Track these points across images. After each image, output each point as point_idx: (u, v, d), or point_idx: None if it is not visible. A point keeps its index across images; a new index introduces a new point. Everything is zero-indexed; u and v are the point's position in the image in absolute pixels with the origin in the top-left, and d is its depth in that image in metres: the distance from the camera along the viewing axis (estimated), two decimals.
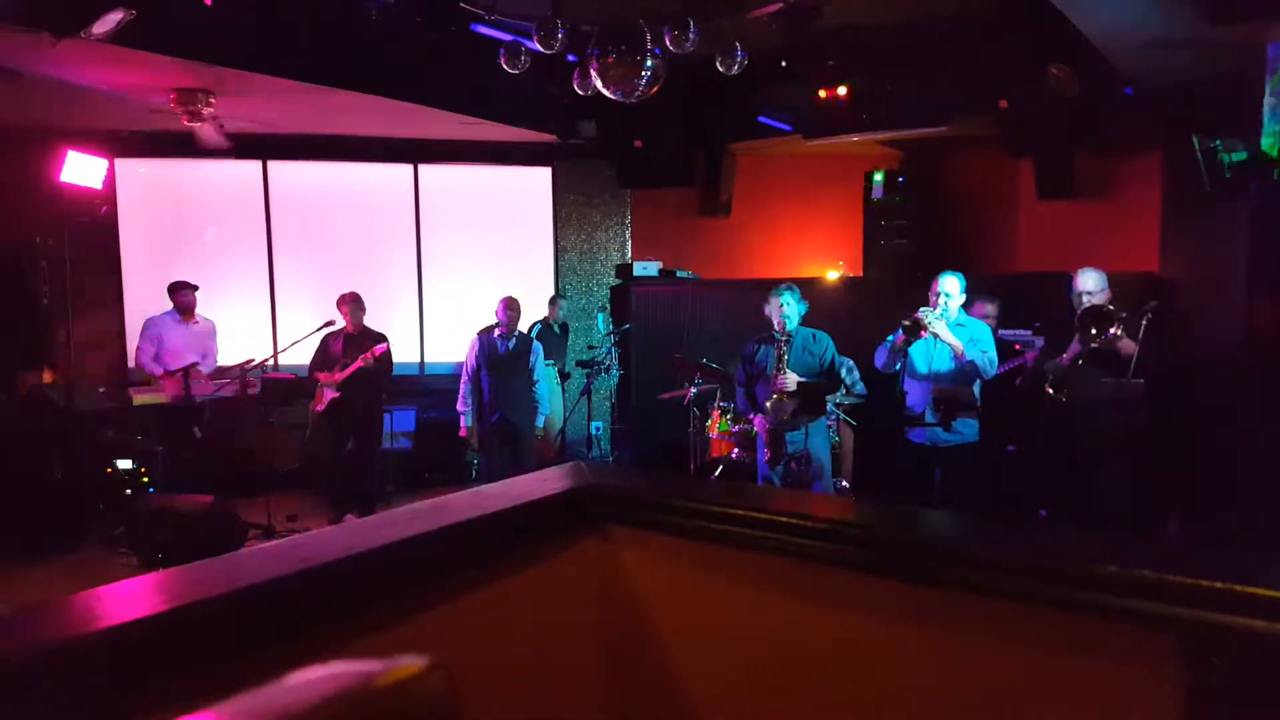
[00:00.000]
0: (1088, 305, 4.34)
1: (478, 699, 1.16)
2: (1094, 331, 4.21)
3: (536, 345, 5.79)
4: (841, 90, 6.12)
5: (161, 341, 6.35)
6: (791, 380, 4.60)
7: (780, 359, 4.70)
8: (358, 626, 1.00)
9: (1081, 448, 4.40)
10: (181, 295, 6.38)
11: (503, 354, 5.65)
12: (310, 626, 0.92)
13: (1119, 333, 4.17)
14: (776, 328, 4.67)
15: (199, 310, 6.53)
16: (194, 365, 6.28)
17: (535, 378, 5.71)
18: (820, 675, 1.15)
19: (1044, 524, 4.71)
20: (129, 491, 5.76)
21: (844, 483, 5.43)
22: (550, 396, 5.91)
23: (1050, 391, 4.32)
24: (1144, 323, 4.23)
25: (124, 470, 5.81)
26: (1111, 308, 4.25)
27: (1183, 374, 4.80)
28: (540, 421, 5.73)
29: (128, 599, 0.85)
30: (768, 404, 4.74)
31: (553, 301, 7.22)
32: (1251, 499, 4.23)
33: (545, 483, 1.38)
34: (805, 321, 4.81)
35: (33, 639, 0.76)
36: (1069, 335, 4.33)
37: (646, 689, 1.30)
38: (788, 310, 4.68)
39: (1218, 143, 4.44)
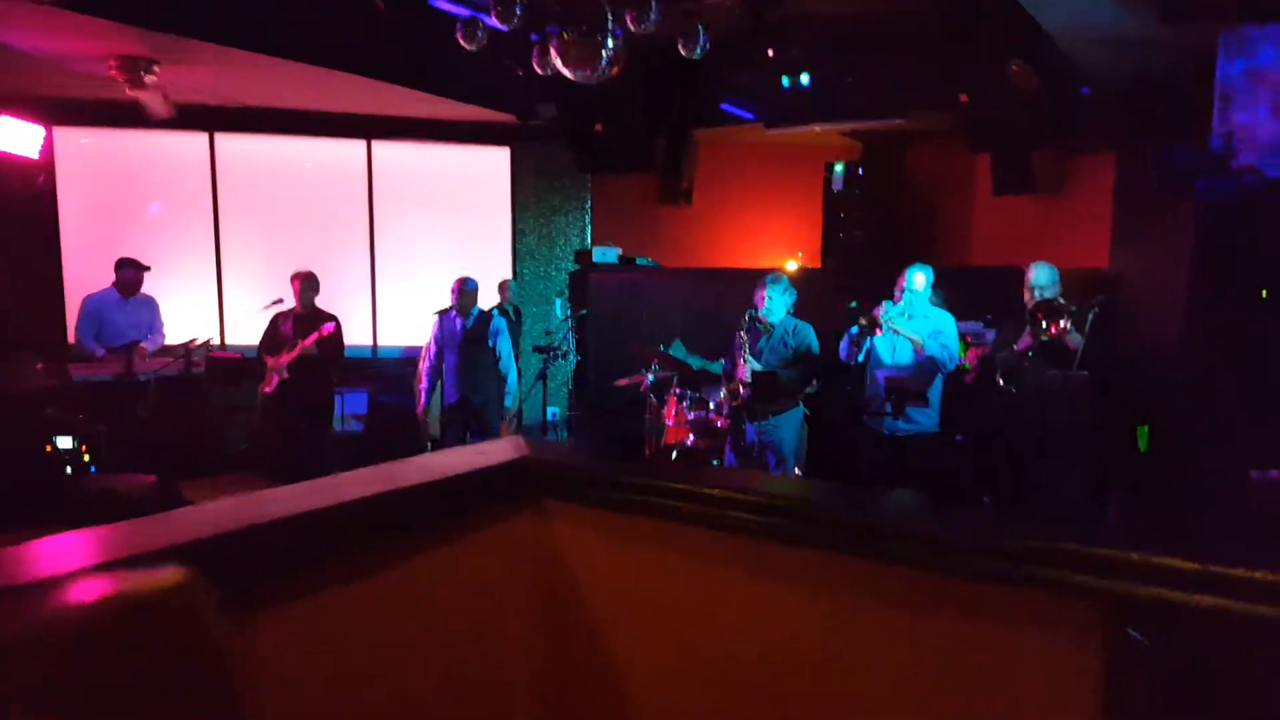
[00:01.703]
0: (1039, 299, 4.43)
1: (407, 666, 1.14)
2: (1044, 324, 4.30)
3: (499, 322, 5.64)
4: (803, 78, 6.13)
5: (101, 319, 6.13)
6: (749, 370, 4.65)
7: (742, 346, 4.75)
8: (277, 594, 0.96)
9: (1027, 438, 4.50)
10: (127, 273, 6.14)
11: (460, 334, 5.57)
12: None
13: (1068, 326, 4.26)
14: (759, 318, 4.73)
15: (143, 287, 6.32)
16: (137, 343, 6.09)
17: (499, 355, 5.57)
18: (756, 648, 1.17)
19: (979, 505, 4.81)
20: (69, 470, 5.57)
21: (796, 471, 5.47)
22: (516, 379, 5.81)
23: (1000, 383, 4.41)
24: (1091, 317, 4.34)
25: (64, 449, 5.62)
26: (1062, 301, 4.35)
27: (1127, 367, 4.92)
28: (510, 401, 5.60)
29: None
30: (722, 391, 4.78)
31: (502, 286, 7.09)
32: (1191, 489, 4.35)
33: (483, 455, 1.36)
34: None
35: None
36: (1020, 328, 4.42)
37: (580, 662, 1.30)
38: (770, 301, 4.73)
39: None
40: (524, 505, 1.31)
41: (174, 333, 6.41)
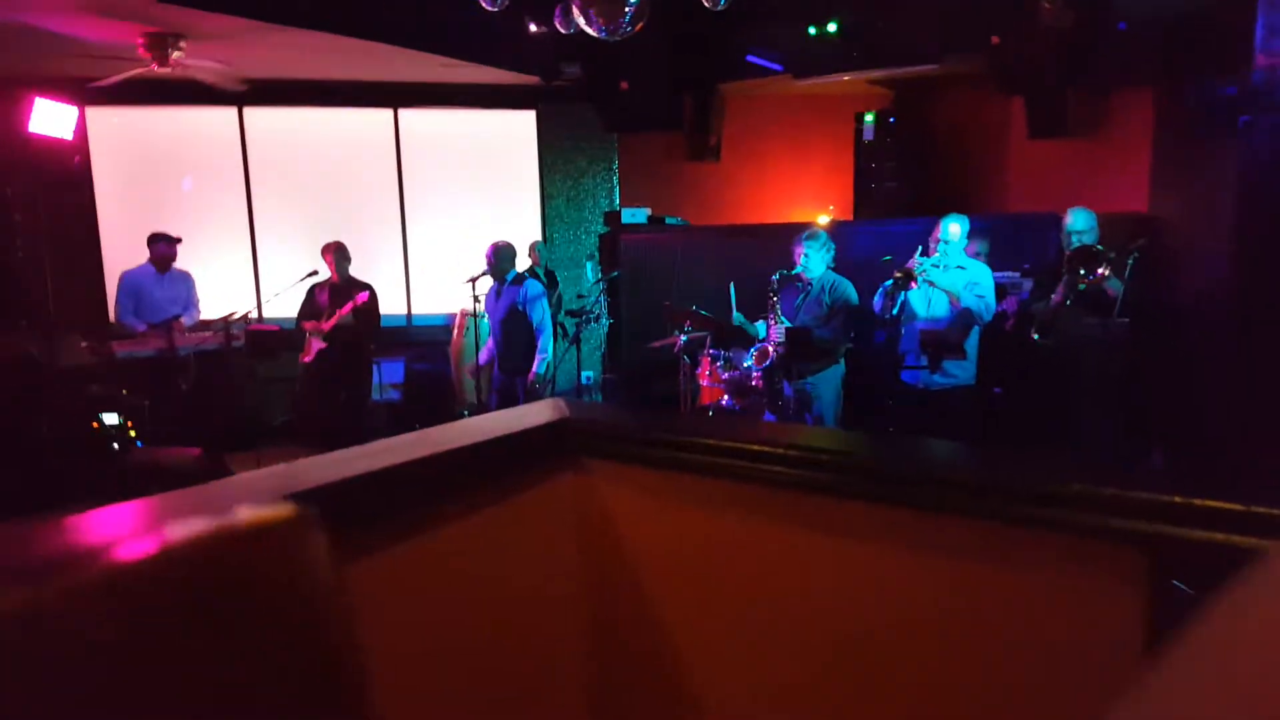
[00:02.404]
0: (1076, 246, 4.33)
1: (459, 627, 1.16)
2: (1082, 272, 4.21)
3: (529, 285, 5.55)
4: (830, 26, 5.98)
5: (140, 295, 6.25)
6: (781, 329, 4.64)
7: (773, 309, 4.73)
8: (352, 548, 1.00)
9: (1067, 388, 4.43)
10: (159, 247, 6.25)
11: (495, 300, 5.60)
12: None
13: (1107, 273, 4.16)
14: (798, 275, 4.71)
15: (178, 262, 6.42)
16: (176, 318, 6.21)
17: (533, 321, 5.49)
18: (797, 598, 1.18)
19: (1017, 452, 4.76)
20: (116, 446, 5.74)
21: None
22: (552, 344, 5.76)
23: (1035, 337, 4.33)
24: (1131, 262, 4.23)
25: (110, 425, 5.78)
26: (1100, 247, 4.24)
27: (1169, 313, 4.81)
28: (542, 368, 5.53)
29: None
30: (752, 352, 4.77)
31: (531, 249, 7.06)
32: (1235, 436, 4.27)
33: (524, 417, 1.38)
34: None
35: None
36: (1058, 276, 4.33)
37: (626, 618, 1.32)
38: (807, 258, 4.69)
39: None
40: (566, 465, 1.32)
41: (212, 307, 6.52)
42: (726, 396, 5.15)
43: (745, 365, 4.92)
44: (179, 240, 6.32)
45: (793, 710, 1.18)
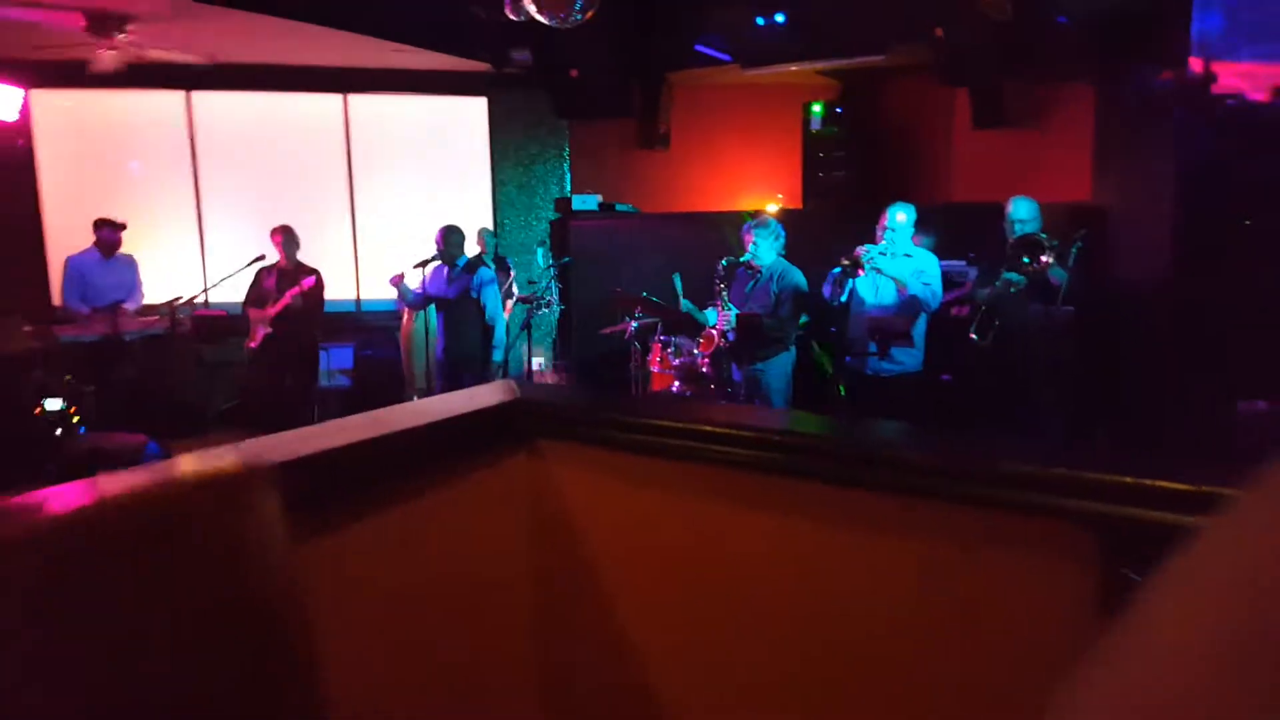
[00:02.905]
0: (1020, 233, 4.44)
1: (408, 607, 1.16)
2: (1025, 260, 4.32)
3: (483, 273, 5.52)
4: (778, 16, 6.02)
5: (85, 280, 6.09)
6: (730, 315, 4.69)
7: (720, 294, 4.76)
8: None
9: (1012, 375, 4.55)
10: (105, 233, 6.11)
11: (445, 284, 5.54)
12: None
13: (1050, 260, 4.28)
14: (747, 263, 4.74)
15: (124, 247, 6.25)
16: (121, 302, 6.04)
17: (484, 305, 5.45)
18: (748, 578, 1.17)
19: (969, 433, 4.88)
20: (59, 432, 5.55)
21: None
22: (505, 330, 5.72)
23: (973, 336, 4.41)
24: (1074, 251, 4.35)
25: (53, 410, 5.59)
26: (1043, 236, 4.36)
27: (1111, 300, 4.96)
28: (497, 355, 5.52)
29: None
30: (699, 337, 4.82)
31: (479, 236, 7.00)
32: (1174, 420, 4.43)
33: (474, 398, 1.37)
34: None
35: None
36: (1002, 264, 4.44)
37: (576, 597, 1.32)
38: (757, 246, 4.73)
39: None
40: (518, 446, 1.31)
41: (158, 291, 6.36)
42: (677, 383, 5.19)
43: (694, 352, 4.96)
44: (124, 226, 6.17)
45: (744, 691, 1.18)
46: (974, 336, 4.41)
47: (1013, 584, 0.97)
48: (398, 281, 5.55)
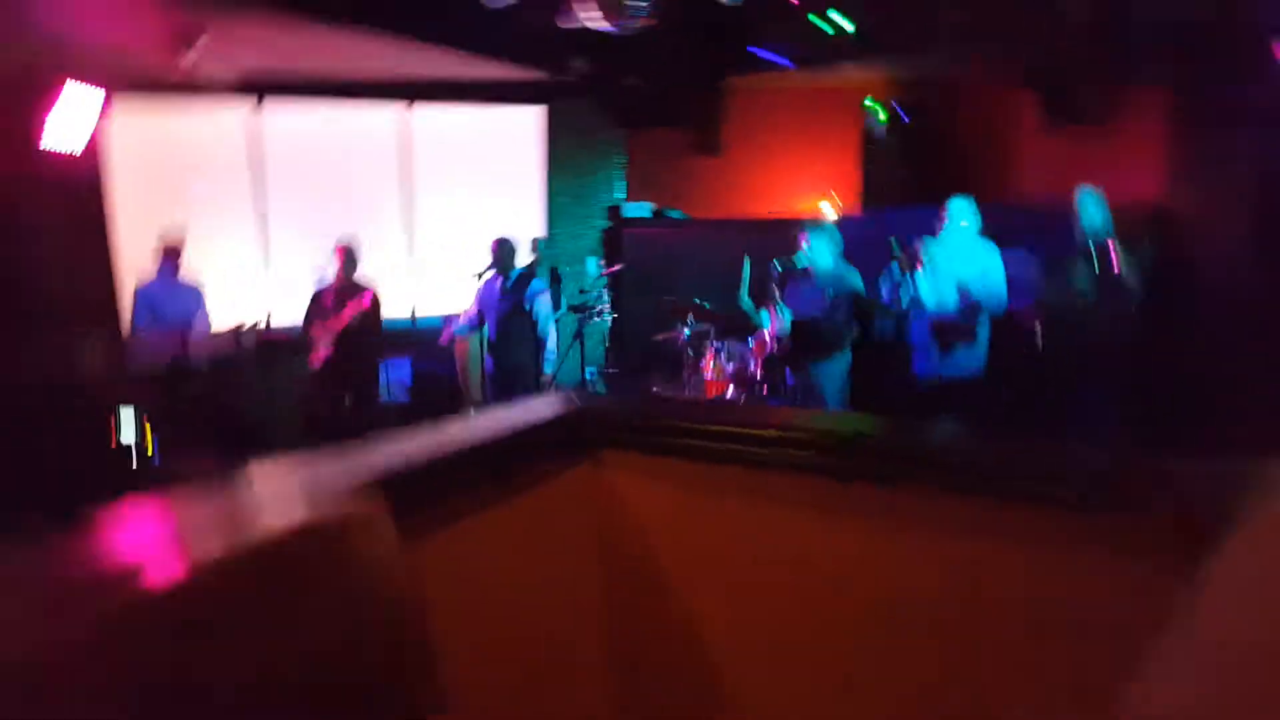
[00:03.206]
0: (1089, 236, 4.29)
1: (478, 623, 1.15)
2: (1095, 263, 4.18)
3: (536, 285, 5.55)
4: (840, 20, 5.94)
5: (153, 308, 6.31)
6: (785, 320, 4.62)
7: (773, 297, 4.70)
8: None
9: (1079, 379, 4.39)
10: (166, 260, 6.32)
11: (498, 297, 5.58)
12: None
13: (1120, 264, 4.13)
14: (805, 270, 4.69)
15: (188, 268, 6.45)
16: (188, 328, 6.25)
17: (536, 318, 5.49)
18: (814, 580, 1.18)
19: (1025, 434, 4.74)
20: (134, 454, 5.76)
21: None
22: (556, 342, 5.75)
23: (1039, 343, 4.28)
24: (1144, 252, 4.20)
25: (127, 433, 5.81)
26: (1113, 238, 4.21)
27: (1184, 303, 4.76)
28: (549, 367, 5.55)
29: None
30: (751, 342, 4.76)
31: (532, 246, 7.04)
32: (1244, 427, 4.23)
33: (534, 411, 1.37)
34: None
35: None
36: (1068, 265, 4.30)
37: (642, 602, 1.32)
38: (812, 250, 4.67)
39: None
40: (580, 455, 1.33)
41: (224, 309, 6.55)
42: (731, 388, 5.13)
43: (747, 352, 4.90)
44: (182, 250, 6.36)
45: (810, 689, 1.18)
46: (1040, 344, 4.28)
47: (1091, 583, 0.96)
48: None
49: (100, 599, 0.58)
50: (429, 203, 7.86)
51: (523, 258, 6.02)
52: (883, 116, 6.85)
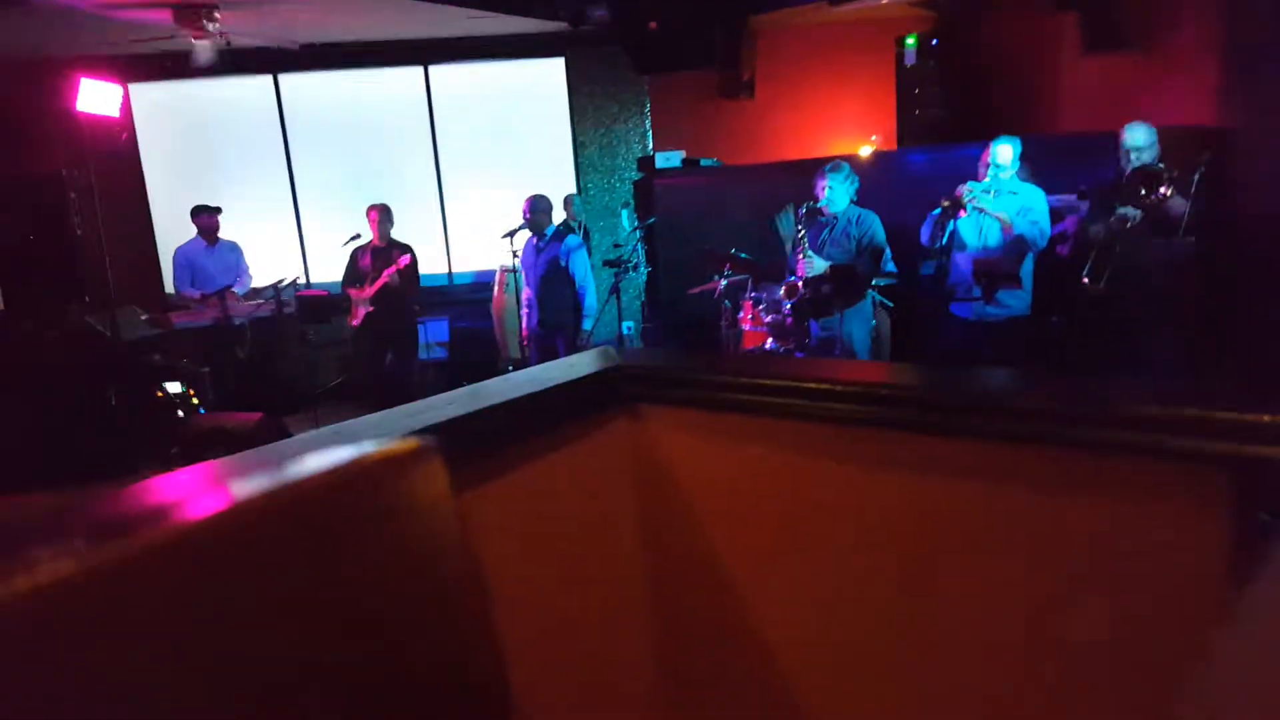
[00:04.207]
0: (1136, 164, 4.13)
1: (520, 575, 1.17)
2: (1143, 192, 4.03)
3: (570, 240, 5.51)
4: None
5: (193, 267, 6.41)
6: (816, 265, 4.53)
7: (801, 242, 4.61)
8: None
9: (1130, 314, 4.27)
10: (203, 219, 6.40)
11: (535, 256, 5.58)
12: None
13: (1169, 192, 3.98)
14: (820, 209, 4.58)
15: (224, 232, 6.54)
16: (229, 287, 6.35)
17: (576, 277, 5.44)
18: (859, 535, 1.15)
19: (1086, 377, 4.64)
20: (180, 414, 5.92)
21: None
22: (594, 300, 5.71)
23: (1086, 281, 4.14)
24: (1197, 178, 4.03)
25: (173, 394, 5.96)
26: (1161, 165, 4.05)
27: (1240, 230, 4.58)
28: (587, 323, 5.51)
29: None
30: (781, 289, 4.69)
31: (566, 202, 6.96)
32: None
33: (574, 367, 1.37)
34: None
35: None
36: (1117, 197, 4.15)
37: (684, 559, 1.33)
38: (831, 191, 4.56)
39: None
40: (619, 411, 1.32)
41: (262, 274, 6.65)
42: (770, 339, 5.09)
43: (776, 297, 4.83)
44: (219, 210, 6.43)
45: (855, 645, 1.17)
46: (1086, 280, 4.14)
47: (1139, 532, 0.93)
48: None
49: (133, 532, 0.57)
50: (456, 162, 7.84)
51: (557, 215, 5.99)
52: (915, 47, 6.62)
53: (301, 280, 6.48)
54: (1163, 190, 3.99)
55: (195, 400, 5.96)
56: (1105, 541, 0.95)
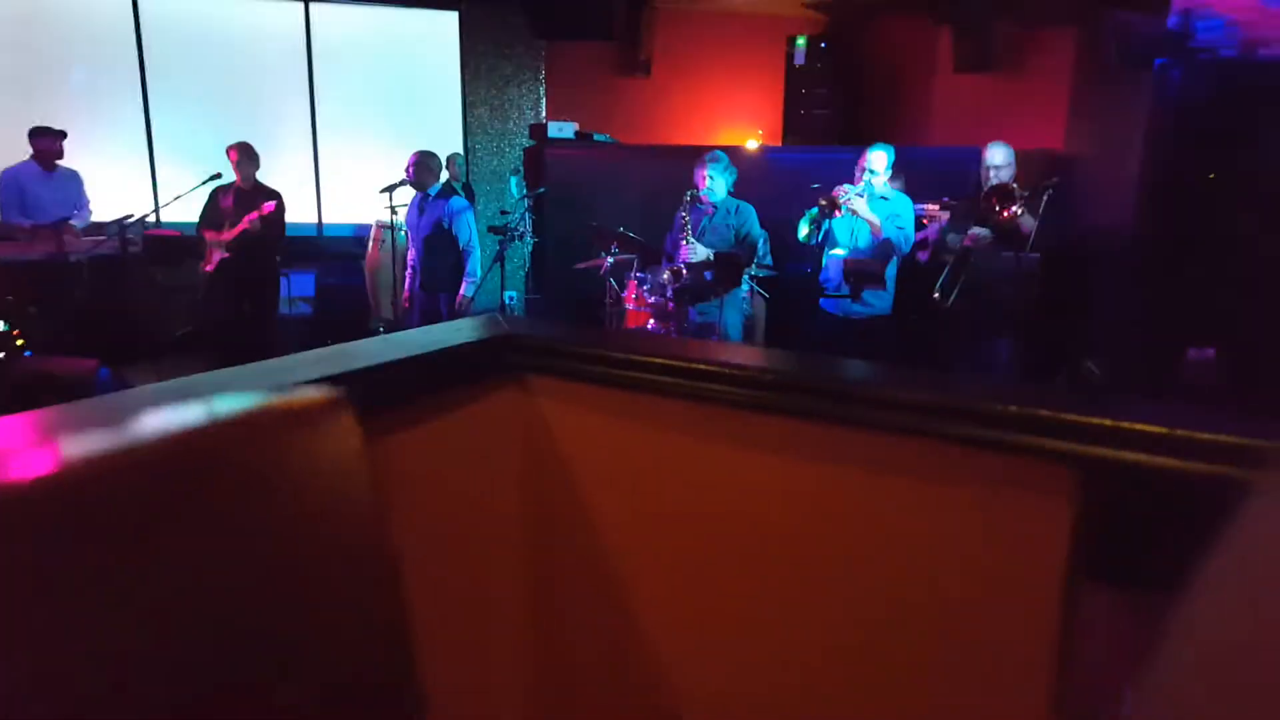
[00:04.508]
0: (994, 181, 4.44)
1: (409, 534, 1.15)
2: (997, 208, 4.33)
3: (454, 201, 5.30)
4: None
5: (24, 194, 5.78)
6: (699, 252, 4.63)
7: (685, 228, 4.70)
8: None
9: (979, 320, 4.61)
10: (42, 141, 5.76)
11: (418, 216, 5.39)
12: None
13: (1020, 211, 4.30)
14: (700, 198, 4.65)
15: (65, 159, 5.93)
16: (66, 220, 5.78)
17: (460, 240, 5.25)
18: (737, 516, 1.19)
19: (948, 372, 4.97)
20: (2, 355, 5.36)
21: None
22: (479, 264, 5.56)
23: (936, 295, 4.41)
24: (1045, 199, 4.38)
25: None
26: (1015, 185, 4.37)
27: (1078, 248, 5.02)
28: (469, 289, 5.34)
29: None
30: (664, 274, 4.77)
31: (449, 161, 6.75)
32: (1133, 366, 4.56)
33: (460, 331, 1.33)
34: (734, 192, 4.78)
35: None
36: (972, 210, 4.44)
37: (565, 533, 1.33)
38: (711, 181, 4.64)
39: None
40: (506, 381, 1.30)
41: (107, 210, 6.08)
42: (651, 321, 5.15)
43: (660, 281, 4.90)
44: (63, 134, 5.83)
45: (729, 626, 1.21)
46: (937, 295, 4.41)
47: (988, 521, 1.01)
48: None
49: None
50: (335, 110, 7.43)
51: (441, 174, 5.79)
52: (805, 48, 6.83)
53: (151, 219, 5.96)
54: (1015, 209, 4.31)
55: (20, 341, 5.40)
56: (958, 528, 1.02)
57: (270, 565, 0.64)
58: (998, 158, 4.55)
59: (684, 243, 4.69)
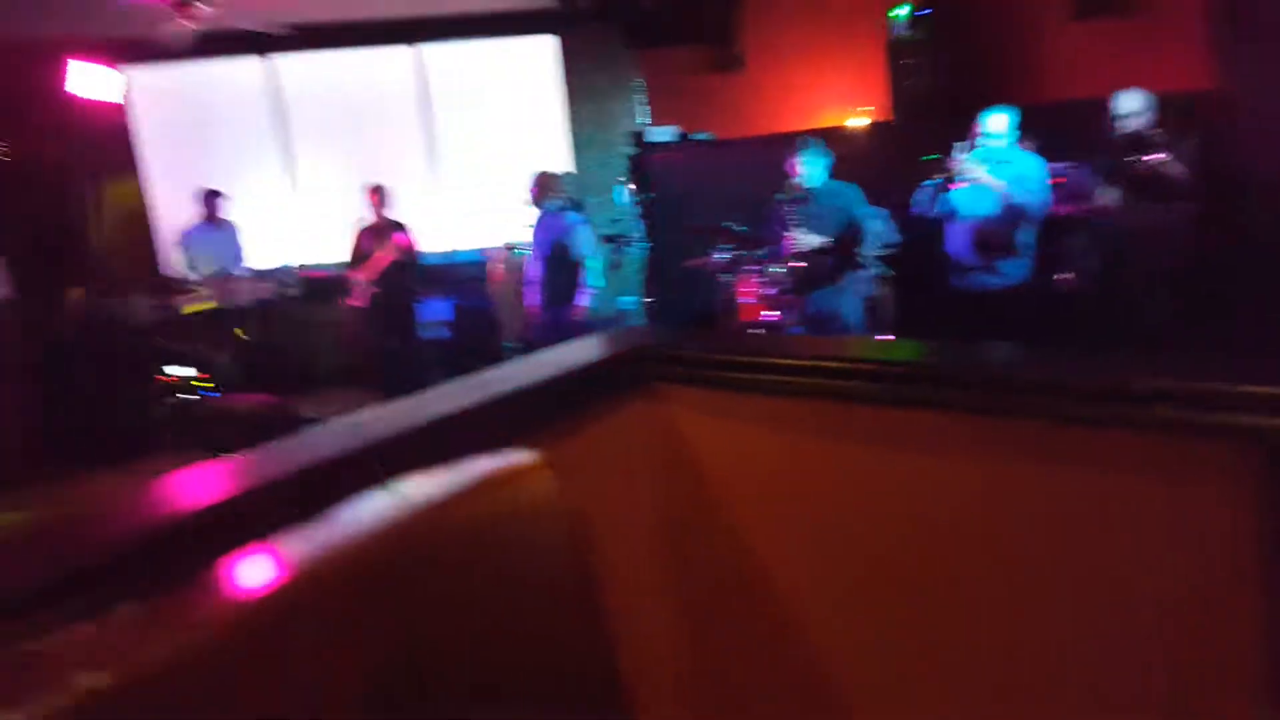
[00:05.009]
0: (1129, 130, 4.16)
1: None
2: (1136, 159, 4.05)
3: (571, 218, 5.48)
4: None
5: (196, 251, 6.44)
6: (807, 241, 4.55)
7: (789, 218, 4.63)
8: None
9: (1131, 280, 4.30)
10: (210, 202, 6.41)
11: (539, 235, 5.58)
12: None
13: (1163, 157, 4.00)
14: (797, 186, 4.59)
15: (224, 213, 6.56)
16: (229, 270, 6.37)
17: (575, 254, 5.42)
18: (880, 515, 1.15)
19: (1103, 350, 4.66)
20: (191, 397, 5.92)
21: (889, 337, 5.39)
22: (598, 276, 5.68)
23: (1069, 276, 4.15)
24: (1191, 143, 4.06)
25: (181, 377, 5.97)
26: (1156, 131, 4.07)
27: (1240, 194, 4.59)
28: (589, 301, 5.47)
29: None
30: (777, 266, 4.71)
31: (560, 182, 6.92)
32: None
33: (589, 349, 1.38)
34: (835, 174, 4.68)
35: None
36: (1110, 165, 4.17)
37: (705, 540, 1.33)
38: (804, 168, 4.57)
39: None
40: (640, 392, 1.31)
41: (261, 256, 6.65)
42: (769, 312, 5.11)
43: (775, 273, 4.84)
44: (222, 195, 6.45)
45: (876, 625, 1.18)
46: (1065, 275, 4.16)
47: (1162, 508, 0.93)
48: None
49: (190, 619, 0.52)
50: (452, 143, 7.81)
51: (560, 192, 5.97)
52: (906, 18, 6.58)
53: (305, 263, 6.48)
54: (1156, 156, 4.02)
55: (209, 384, 5.95)
56: (1131, 517, 0.95)
57: (498, 621, 0.68)
58: (1129, 106, 4.26)
59: (790, 233, 4.62)
